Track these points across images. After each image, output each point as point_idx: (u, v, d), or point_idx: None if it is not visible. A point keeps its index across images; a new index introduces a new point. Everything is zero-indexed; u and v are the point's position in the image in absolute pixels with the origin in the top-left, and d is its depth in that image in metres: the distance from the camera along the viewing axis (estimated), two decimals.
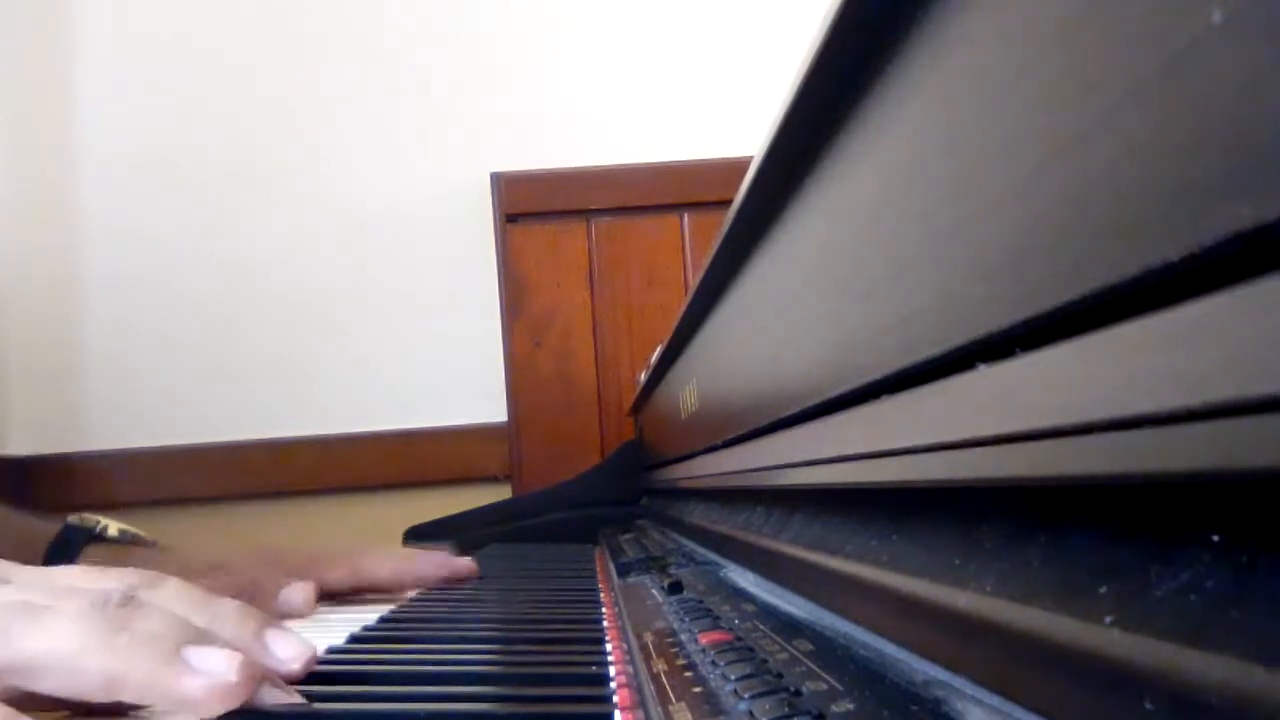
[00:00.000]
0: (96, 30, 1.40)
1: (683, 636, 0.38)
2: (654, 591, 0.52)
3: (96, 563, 0.67)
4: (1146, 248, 0.13)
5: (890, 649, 0.27)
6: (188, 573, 0.68)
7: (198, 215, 1.38)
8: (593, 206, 1.36)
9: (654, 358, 0.83)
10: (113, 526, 0.72)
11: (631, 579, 0.59)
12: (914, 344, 0.22)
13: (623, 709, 0.33)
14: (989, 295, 0.19)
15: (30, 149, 1.39)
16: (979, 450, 0.19)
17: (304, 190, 1.39)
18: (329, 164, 1.39)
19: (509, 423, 1.35)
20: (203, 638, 0.35)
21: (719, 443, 0.54)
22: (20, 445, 1.34)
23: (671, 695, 0.29)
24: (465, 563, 0.76)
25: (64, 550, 0.69)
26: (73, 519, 0.71)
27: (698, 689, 0.29)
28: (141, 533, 0.74)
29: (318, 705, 0.36)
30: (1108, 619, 0.15)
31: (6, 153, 1.39)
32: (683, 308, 0.59)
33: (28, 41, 1.40)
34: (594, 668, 0.39)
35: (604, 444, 1.33)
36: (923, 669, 0.24)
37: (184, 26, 1.40)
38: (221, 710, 0.33)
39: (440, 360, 1.38)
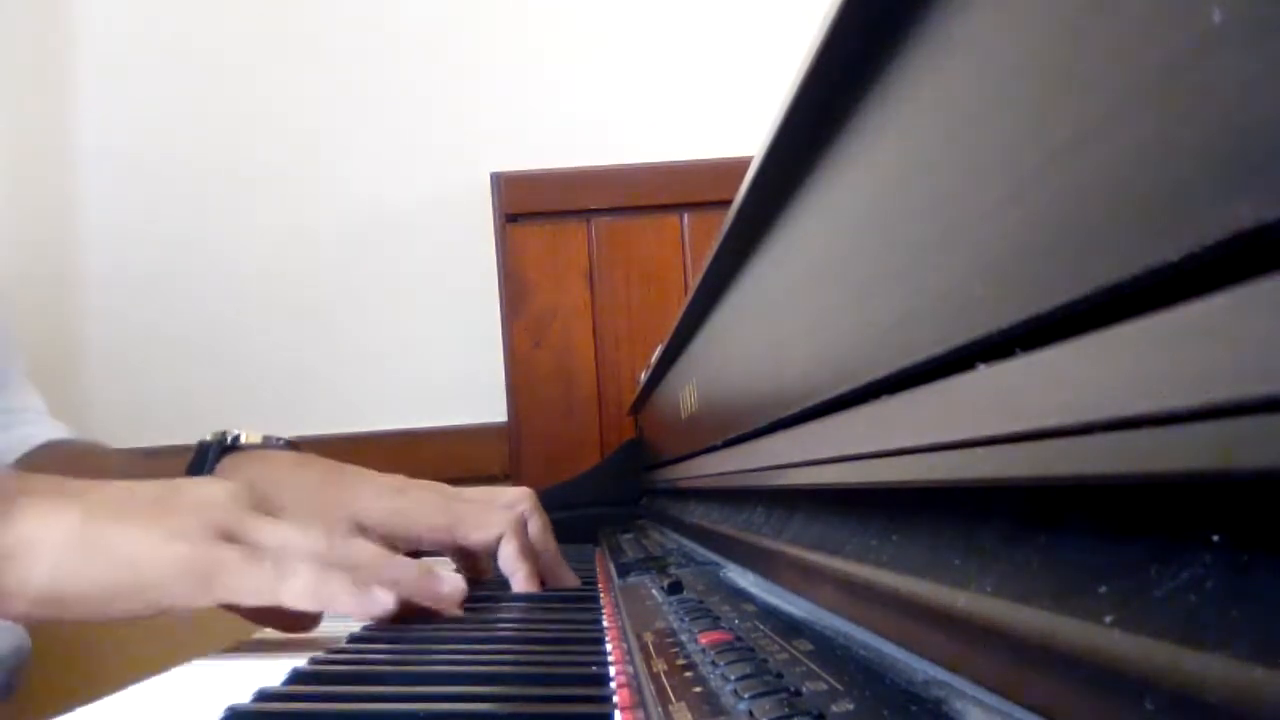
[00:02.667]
0: (96, 30, 1.40)
1: (683, 636, 0.37)
2: (654, 591, 0.52)
3: (237, 468, 0.70)
4: (1146, 248, 0.13)
5: (890, 649, 0.27)
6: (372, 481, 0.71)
7: (198, 214, 1.38)
8: (592, 206, 1.36)
9: (654, 358, 0.83)
10: (254, 435, 0.74)
11: (631, 579, 0.59)
12: (914, 344, 0.22)
13: (623, 709, 0.33)
14: (989, 295, 0.19)
15: (30, 148, 1.39)
16: (979, 450, 0.19)
17: (304, 190, 1.39)
18: (329, 164, 1.39)
19: (509, 422, 1.35)
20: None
21: (719, 443, 0.54)
22: None
23: (671, 695, 0.29)
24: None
25: (200, 468, 0.70)
26: (206, 437, 0.74)
27: (698, 689, 0.29)
28: (282, 437, 0.76)
29: (317, 705, 0.36)
30: (1108, 619, 0.15)
31: (6, 152, 1.39)
32: (683, 308, 0.59)
33: (28, 41, 1.40)
34: (594, 668, 0.39)
35: (604, 444, 1.33)
36: (923, 669, 0.24)
37: (184, 26, 1.40)
38: None
39: (440, 360, 1.38)
